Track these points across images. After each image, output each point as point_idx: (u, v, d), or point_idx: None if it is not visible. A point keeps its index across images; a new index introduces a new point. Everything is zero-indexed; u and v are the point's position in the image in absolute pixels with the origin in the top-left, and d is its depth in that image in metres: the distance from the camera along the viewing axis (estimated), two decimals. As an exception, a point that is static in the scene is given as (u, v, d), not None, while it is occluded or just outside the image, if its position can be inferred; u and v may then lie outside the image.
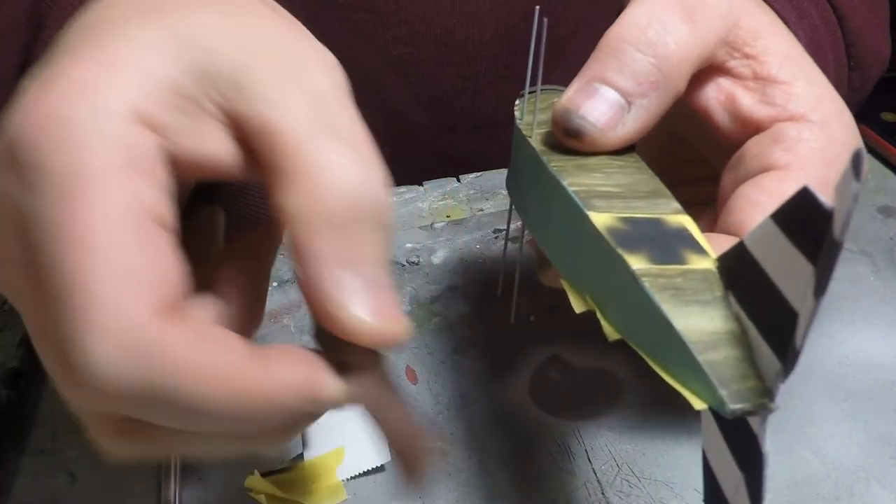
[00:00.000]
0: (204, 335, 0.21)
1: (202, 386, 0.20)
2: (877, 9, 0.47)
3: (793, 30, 0.37)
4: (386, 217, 0.22)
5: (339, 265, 0.22)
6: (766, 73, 0.33)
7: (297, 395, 0.22)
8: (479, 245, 0.48)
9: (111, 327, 0.19)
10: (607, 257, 0.26)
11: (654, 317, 0.24)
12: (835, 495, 0.33)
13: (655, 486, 0.34)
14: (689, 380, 0.24)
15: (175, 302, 0.21)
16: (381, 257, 0.22)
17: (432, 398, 0.39)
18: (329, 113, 0.23)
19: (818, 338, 0.40)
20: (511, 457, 0.35)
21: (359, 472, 0.35)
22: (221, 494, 0.35)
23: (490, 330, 0.42)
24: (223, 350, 0.21)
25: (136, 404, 0.20)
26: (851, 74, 0.45)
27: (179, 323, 0.20)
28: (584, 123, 0.31)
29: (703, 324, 0.24)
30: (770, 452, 0.35)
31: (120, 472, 0.36)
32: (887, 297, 0.42)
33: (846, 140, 0.32)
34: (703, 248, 0.26)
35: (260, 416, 0.22)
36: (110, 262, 0.19)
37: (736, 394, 0.22)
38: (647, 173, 0.30)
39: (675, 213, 0.28)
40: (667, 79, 0.31)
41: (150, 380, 0.19)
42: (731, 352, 0.23)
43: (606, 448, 0.36)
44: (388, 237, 0.22)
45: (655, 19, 0.31)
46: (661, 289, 0.24)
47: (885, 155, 0.53)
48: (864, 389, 0.37)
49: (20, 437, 0.38)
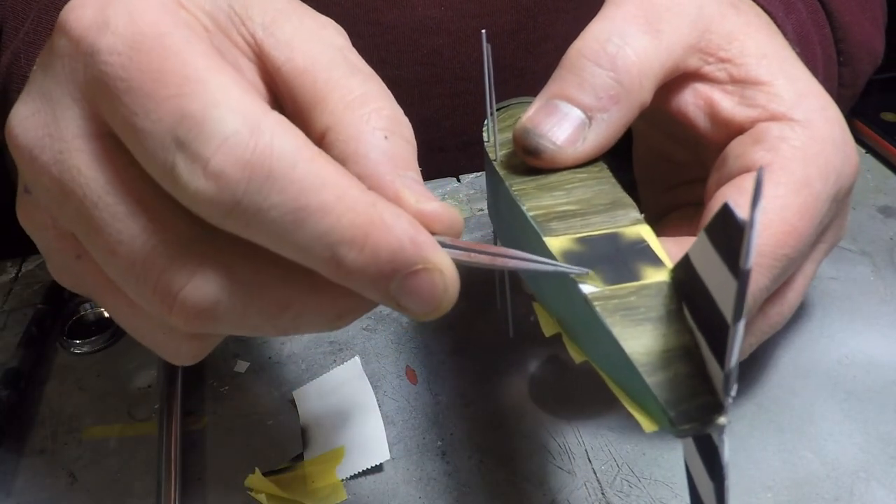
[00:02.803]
0: (318, 150, 0.22)
1: (317, 189, 0.21)
2: (868, 3, 0.47)
3: (780, 25, 0.37)
4: (412, 135, 0.26)
5: (394, 169, 0.25)
6: (743, 74, 0.32)
7: (401, 246, 0.22)
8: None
9: (235, 111, 0.21)
10: (565, 281, 0.26)
11: (607, 340, 0.24)
12: (835, 495, 0.33)
13: (655, 486, 0.34)
14: (644, 401, 0.24)
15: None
16: (416, 165, 0.26)
17: (432, 398, 0.39)
18: (350, 59, 0.26)
19: (818, 338, 0.40)
20: (511, 457, 0.35)
21: (359, 472, 0.35)
22: (221, 494, 0.35)
23: (490, 330, 0.42)
24: (339, 169, 0.22)
25: (253, 192, 0.21)
26: (841, 70, 0.45)
27: (294, 131, 0.22)
28: (543, 142, 0.31)
29: (655, 342, 0.24)
30: (770, 452, 0.35)
31: (120, 472, 0.36)
32: (887, 297, 0.42)
33: (830, 136, 0.32)
34: (659, 259, 0.26)
35: (356, 253, 0.22)
36: (221, 77, 0.22)
37: (684, 413, 0.22)
38: (608, 183, 0.30)
39: (633, 224, 0.28)
40: (627, 91, 0.31)
41: (268, 165, 0.21)
42: (682, 368, 0.23)
43: (606, 448, 0.36)
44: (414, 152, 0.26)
45: (615, 32, 0.32)
46: (614, 311, 0.25)
47: (885, 155, 0.53)
48: (864, 389, 0.37)
49: (20, 437, 0.38)
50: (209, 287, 0.23)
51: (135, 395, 0.40)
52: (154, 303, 0.23)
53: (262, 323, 0.24)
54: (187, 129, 0.21)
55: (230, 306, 0.23)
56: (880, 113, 0.55)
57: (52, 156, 0.23)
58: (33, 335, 0.42)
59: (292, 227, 0.22)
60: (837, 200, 0.32)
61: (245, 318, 0.24)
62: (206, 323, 0.23)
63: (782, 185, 0.30)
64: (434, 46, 0.51)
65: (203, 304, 0.23)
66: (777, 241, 0.29)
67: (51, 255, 0.27)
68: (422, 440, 0.37)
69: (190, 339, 0.26)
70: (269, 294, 0.23)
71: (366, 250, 0.22)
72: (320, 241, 0.22)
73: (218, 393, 0.40)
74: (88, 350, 0.43)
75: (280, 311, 0.24)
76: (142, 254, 0.23)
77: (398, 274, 0.23)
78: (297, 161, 0.21)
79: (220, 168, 0.21)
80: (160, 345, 0.26)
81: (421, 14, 0.50)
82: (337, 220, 0.22)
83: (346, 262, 0.22)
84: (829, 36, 0.44)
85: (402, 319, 0.43)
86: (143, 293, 0.23)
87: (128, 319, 0.26)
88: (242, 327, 0.24)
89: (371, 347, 0.42)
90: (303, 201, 0.21)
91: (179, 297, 0.23)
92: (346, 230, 0.22)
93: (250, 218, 0.22)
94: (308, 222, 0.22)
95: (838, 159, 0.32)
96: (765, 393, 0.37)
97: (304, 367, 0.41)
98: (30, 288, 0.47)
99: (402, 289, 0.23)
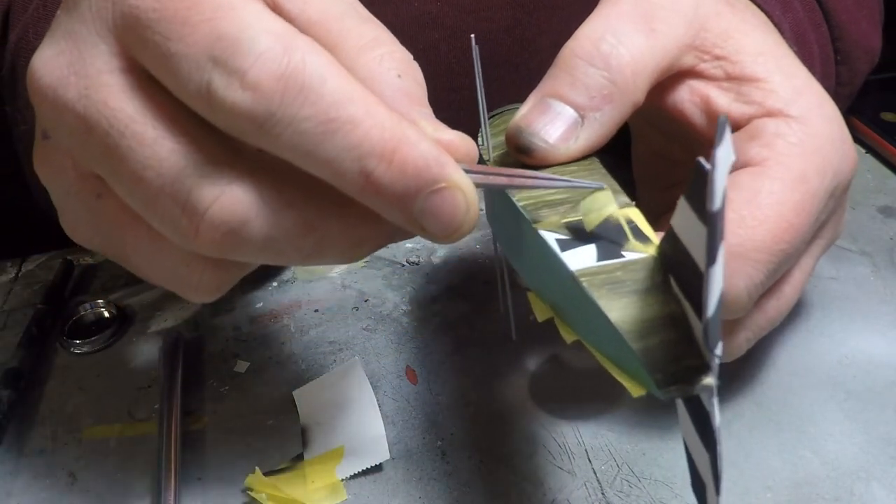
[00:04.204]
0: (346, 71, 0.23)
1: (347, 103, 0.23)
2: (865, 1, 0.47)
3: (777, 23, 0.37)
4: (422, 78, 0.28)
5: (409, 103, 0.26)
6: (739, 72, 0.33)
7: (427, 163, 0.24)
8: (479, 245, 0.48)
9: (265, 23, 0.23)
10: (555, 263, 0.27)
11: (595, 313, 0.25)
12: (835, 495, 0.33)
13: (655, 486, 0.34)
14: (631, 368, 0.25)
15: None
16: (428, 104, 0.27)
17: (432, 398, 0.39)
18: (359, 11, 0.27)
19: (818, 338, 0.40)
20: (511, 457, 0.35)
21: (358, 472, 0.35)
22: (221, 494, 0.35)
23: (490, 330, 0.42)
24: (366, 89, 0.23)
25: (288, 103, 0.22)
26: (839, 69, 0.45)
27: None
28: (535, 140, 0.31)
29: (640, 312, 0.24)
30: (770, 452, 0.35)
31: (120, 472, 0.36)
32: (887, 297, 0.42)
33: (827, 132, 0.32)
34: (647, 236, 0.27)
35: (385, 167, 0.23)
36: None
37: (670, 376, 0.23)
38: (598, 173, 0.31)
39: (623, 207, 0.28)
40: (621, 91, 0.31)
41: (301, 79, 0.22)
42: (669, 335, 0.24)
43: (606, 448, 0.36)
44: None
45: (609, 31, 0.32)
46: (601, 285, 0.25)
47: (885, 155, 0.53)
48: (864, 389, 0.37)
49: (20, 437, 0.38)
50: (237, 204, 0.24)
51: (135, 395, 0.40)
52: (181, 225, 0.24)
53: (287, 246, 0.25)
54: (223, 47, 0.22)
55: (256, 225, 0.24)
56: (880, 113, 0.55)
57: (77, 92, 0.24)
58: (33, 335, 0.42)
59: (323, 139, 0.23)
60: (835, 197, 0.32)
61: (270, 239, 0.24)
62: (233, 243, 0.24)
63: (778, 180, 0.30)
64: (430, 41, 0.51)
65: (230, 222, 0.24)
66: (773, 237, 0.29)
67: (68, 201, 0.27)
68: (422, 440, 0.37)
69: (213, 268, 0.26)
70: (295, 214, 0.24)
71: (394, 165, 0.23)
72: (350, 153, 0.23)
73: (218, 393, 0.40)
74: (88, 350, 0.43)
75: (304, 233, 0.25)
76: (170, 176, 0.24)
77: (422, 192, 0.24)
78: (328, 77, 0.23)
79: (256, 80, 0.22)
80: (181, 278, 0.27)
81: (417, 9, 0.50)
82: (366, 134, 0.23)
83: (374, 176, 0.23)
84: (827, 34, 0.44)
85: (402, 319, 0.43)
86: (169, 217, 0.24)
87: (147, 258, 0.27)
88: (267, 250, 0.25)
89: (371, 347, 0.42)
90: (333, 114, 0.23)
91: (207, 215, 0.24)
92: (376, 143, 0.23)
93: (283, 130, 0.23)
94: (338, 134, 0.23)
95: (835, 155, 0.32)
96: (765, 393, 0.37)
97: (304, 367, 0.41)
98: (30, 288, 0.47)
99: (426, 208, 0.24)
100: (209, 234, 0.24)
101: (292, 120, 0.22)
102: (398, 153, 0.23)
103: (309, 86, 0.22)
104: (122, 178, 0.24)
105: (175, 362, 0.40)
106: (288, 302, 0.45)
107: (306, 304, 0.45)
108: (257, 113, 0.22)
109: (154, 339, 0.43)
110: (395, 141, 0.23)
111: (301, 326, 0.43)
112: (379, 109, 0.23)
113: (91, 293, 0.47)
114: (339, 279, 0.46)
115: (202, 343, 0.43)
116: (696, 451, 0.24)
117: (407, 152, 0.23)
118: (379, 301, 0.45)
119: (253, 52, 0.22)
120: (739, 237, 0.29)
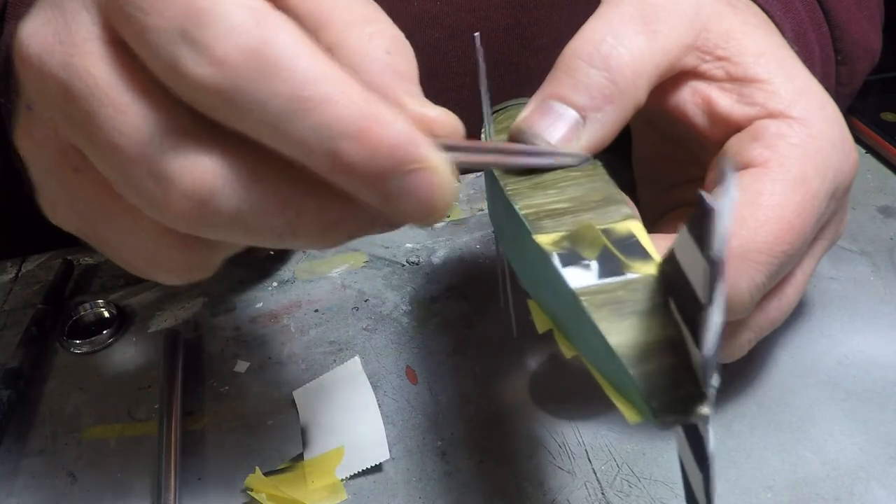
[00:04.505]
0: (320, 49, 0.23)
1: (319, 80, 0.22)
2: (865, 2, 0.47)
3: (778, 24, 0.37)
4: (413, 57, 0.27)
5: (396, 79, 0.26)
6: (741, 72, 0.33)
7: (399, 142, 0.23)
8: (479, 245, 0.48)
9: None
10: (555, 277, 0.26)
11: (594, 334, 0.25)
12: (835, 495, 0.33)
13: (655, 486, 0.34)
14: (629, 393, 0.24)
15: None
16: (418, 82, 0.27)
17: (432, 398, 0.39)
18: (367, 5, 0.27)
19: (818, 338, 0.40)
20: (511, 457, 0.35)
21: (358, 472, 0.35)
22: (221, 494, 0.35)
23: (490, 330, 0.42)
24: (340, 68, 0.23)
25: (257, 79, 0.22)
26: (839, 69, 0.45)
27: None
28: (537, 142, 0.31)
29: (640, 335, 0.24)
30: (770, 452, 0.35)
31: (120, 472, 0.36)
32: (887, 297, 0.42)
33: (828, 133, 0.32)
34: (647, 254, 0.26)
35: (356, 147, 0.22)
36: None
37: (666, 404, 0.22)
38: (601, 180, 0.31)
39: (624, 220, 0.28)
40: (622, 91, 0.31)
41: (273, 54, 0.22)
42: (667, 360, 0.23)
43: (606, 448, 0.36)
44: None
45: (610, 32, 0.32)
46: (601, 305, 0.25)
47: (885, 155, 0.53)
48: (864, 389, 0.37)
49: (20, 437, 0.38)
50: (206, 175, 0.23)
51: (135, 395, 0.40)
52: (153, 195, 0.24)
53: (257, 222, 0.24)
54: (194, 21, 0.22)
55: (226, 197, 0.23)
56: (880, 113, 0.55)
57: (61, 59, 0.24)
58: (33, 335, 0.42)
59: (293, 118, 0.22)
60: (836, 197, 0.32)
61: (240, 213, 0.24)
62: (203, 215, 0.24)
63: (780, 182, 0.30)
64: (430, 41, 0.51)
65: (201, 192, 0.23)
66: (774, 238, 0.29)
67: (48, 178, 0.27)
68: (422, 440, 0.37)
69: (184, 246, 0.26)
70: (266, 189, 0.24)
71: (365, 144, 0.22)
72: (320, 132, 0.22)
73: (218, 393, 0.40)
74: (88, 350, 0.43)
75: (276, 210, 0.24)
76: (143, 144, 0.23)
77: (396, 172, 0.23)
78: (301, 54, 0.22)
79: (224, 54, 0.22)
80: (153, 257, 0.26)
81: (417, 8, 0.50)
82: (338, 113, 0.22)
83: (345, 156, 0.23)
84: (827, 34, 0.44)
85: (402, 319, 0.43)
86: (142, 187, 0.24)
87: (121, 235, 0.26)
88: (237, 225, 0.24)
89: (371, 347, 0.42)
90: (305, 92, 0.22)
91: (178, 184, 0.23)
92: (347, 123, 0.22)
93: (252, 107, 0.22)
94: (309, 113, 0.22)
95: (836, 156, 0.32)
96: (765, 393, 0.37)
97: (304, 367, 0.41)
98: (30, 288, 0.47)
99: (401, 189, 0.23)
100: (179, 203, 0.23)
101: (260, 97, 0.22)
102: (371, 133, 0.23)
103: (281, 61, 0.22)
104: (99, 146, 0.24)
105: (175, 362, 0.40)
106: (288, 302, 0.45)
107: (306, 304, 0.45)
108: (223, 88, 0.22)
109: (154, 339, 0.43)
110: (367, 120, 0.22)
111: (301, 326, 0.43)
112: (353, 88, 0.23)
113: (91, 293, 0.47)
114: (339, 279, 0.46)
115: (202, 343, 0.43)
116: (690, 469, 0.24)
117: (380, 132, 0.23)
118: (379, 301, 0.45)
119: (223, 26, 0.22)
120: (741, 238, 0.29)
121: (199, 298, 0.46)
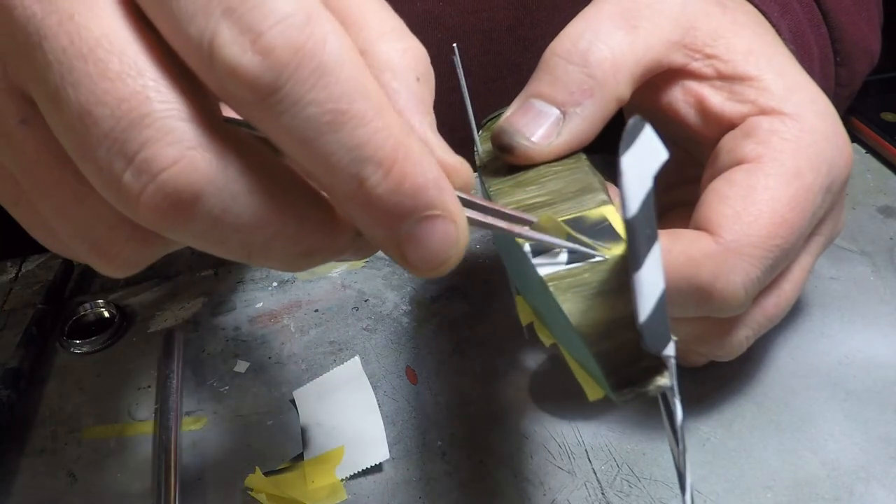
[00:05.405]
0: (364, 62, 0.21)
1: (359, 96, 0.20)
2: (864, 3, 0.47)
3: (775, 24, 0.37)
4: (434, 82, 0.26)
5: (422, 112, 0.25)
6: (731, 70, 0.33)
7: (426, 184, 0.21)
8: (479, 245, 0.48)
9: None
10: (529, 268, 0.27)
11: (561, 317, 0.25)
12: (835, 495, 0.33)
13: (655, 486, 0.34)
14: (594, 372, 0.25)
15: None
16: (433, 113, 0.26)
17: (432, 398, 0.39)
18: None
19: (818, 338, 0.40)
20: (511, 457, 0.35)
21: (358, 472, 0.35)
22: (221, 494, 0.35)
23: (490, 330, 0.42)
24: (380, 87, 0.21)
25: (299, 80, 0.20)
26: (838, 70, 0.46)
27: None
28: (517, 138, 0.32)
29: (602, 314, 0.24)
30: (770, 452, 0.35)
31: (120, 472, 0.36)
32: (887, 297, 0.42)
33: (821, 128, 0.32)
34: (619, 235, 0.27)
35: (381, 175, 0.21)
36: None
37: (623, 379, 0.23)
38: (581, 171, 0.31)
39: (599, 206, 0.29)
40: (601, 85, 0.32)
41: (319, 57, 0.20)
42: (628, 335, 0.23)
43: (606, 448, 0.36)
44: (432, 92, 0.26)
45: (589, 29, 0.32)
46: (566, 289, 0.25)
47: (885, 155, 0.53)
48: (864, 389, 0.37)
49: (20, 437, 0.38)
50: (194, 173, 0.20)
51: (135, 395, 0.40)
52: (122, 182, 0.20)
53: (234, 236, 0.22)
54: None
55: (209, 203, 0.21)
56: (880, 113, 0.55)
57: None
58: (33, 335, 0.42)
59: (325, 130, 0.20)
60: (832, 192, 0.32)
61: (219, 223, 0.21)
62: (176, 218, 0.21)
63: (773, 176, 0.30)
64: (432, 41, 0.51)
65: (183, 192, 0.20)
66: (768, 232, 0.29)
67: None
68: (422, 440, 0.37)
69: (138, 241, 0.23)
70: (254, 203, 0.21)
71: (391, 176, 0.21)
72: (350, 152, 0.20)
73: (218, 393, 0.40)
74: (88, 350, 0.43)
75: (257, 227, 0.22)
76: (125, 121, 0.20)
77: (415, 214, 0.21)
78: (346, 63, 0.20)
79: (271, 45, 0.19)
80: (98, 244, 0.23)
81: (419, 9, 0.50)
82: (371, 135, 0.20)
83: (368, 183, 0.21)
84: (826, 36, 0.44)
85: (402, 319, 0.43)
86: (110, 169, 0.20)
87: (61, 211, 0.23)
88: (210, 235, 0.22)
89: (371, 347, 0.42)
90: (343, 105, 0.20)
91: (160, 178, 0.20)
92: (378, 149, 0.20)
93: (285, 110, 0.20)
94: (343, 128, 0.20)
95: (830, 151, 0.32)
96: (765, 393, 0.37)
97: (304, 367, 0.41)
98: (30, 288, 0.47)
99: (414, 233, 0.22)
100: (154, 199, 0.20)
101: (298, 100, 0.20)
102: (399, 164, 0.21)
103: (325, 68, 0.20)
104: (66, 107, 0.20)
105: (175, 362, 0.40)
106: (288, 302, 0.45)
107: (306, 304, 0.45)
108: (262, 83, 0.19)
109: (154, 339, 0.43)
110: (398, 150, 0.21)
111: (301, 326, 0.43)
112: (389, 112, 0.21)
113: (91, 293, 0.47)
114: (339, 279, 0.46)
115: (202, 343, 0.43)
116: (673, 445, 0.25)
117: (408, 167, 0.21)
118: (379, 301, 0.45)
119: (275, 14, 0.19)
120: (735, 233, 0.29)
121: (199, 298, 0.46)
